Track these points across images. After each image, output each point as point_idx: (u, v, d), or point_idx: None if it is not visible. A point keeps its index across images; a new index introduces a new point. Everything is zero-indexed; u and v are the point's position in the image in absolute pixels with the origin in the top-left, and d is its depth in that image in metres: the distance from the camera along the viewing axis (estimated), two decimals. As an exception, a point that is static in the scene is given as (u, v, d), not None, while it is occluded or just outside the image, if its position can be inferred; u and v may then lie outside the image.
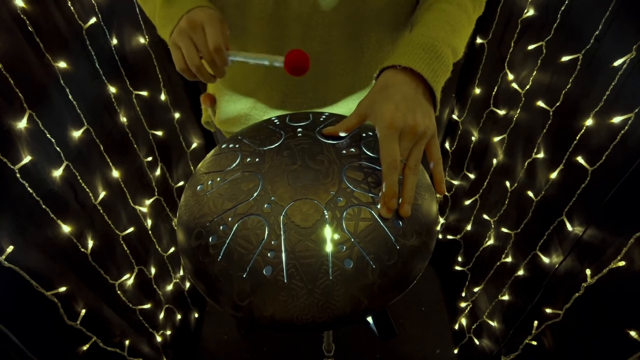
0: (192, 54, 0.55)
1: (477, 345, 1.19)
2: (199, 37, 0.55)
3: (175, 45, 0.56)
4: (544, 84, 0.86)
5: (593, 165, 0.70)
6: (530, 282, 0.91)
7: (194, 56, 0.55)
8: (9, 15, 0.63)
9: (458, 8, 0.59)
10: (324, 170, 0.51)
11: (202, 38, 0.55)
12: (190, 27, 0.55)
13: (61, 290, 0.69)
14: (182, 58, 0.56)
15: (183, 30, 0.55)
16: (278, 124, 0.61)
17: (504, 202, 1.02)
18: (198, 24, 0.55)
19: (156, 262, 1.11)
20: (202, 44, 0.55)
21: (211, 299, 0.48)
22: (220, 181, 0.53)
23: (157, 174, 1.13)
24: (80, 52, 0.80)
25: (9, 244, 0.59)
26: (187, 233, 0.51)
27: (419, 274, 0.49)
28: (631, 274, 0.61)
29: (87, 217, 0.80)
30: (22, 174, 0.62)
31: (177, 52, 0.56)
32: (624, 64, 0.63)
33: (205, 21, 0.55)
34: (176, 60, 0.57)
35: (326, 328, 0.46)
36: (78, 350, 0.75)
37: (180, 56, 0.56)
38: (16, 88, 0.62)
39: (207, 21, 0.55)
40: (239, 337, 1.39)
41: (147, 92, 1.04)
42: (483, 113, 1.13)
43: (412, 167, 0.49)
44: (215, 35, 0.54)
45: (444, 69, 0.53)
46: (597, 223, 0.70)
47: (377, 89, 0.52)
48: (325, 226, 0.46)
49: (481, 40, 1.09)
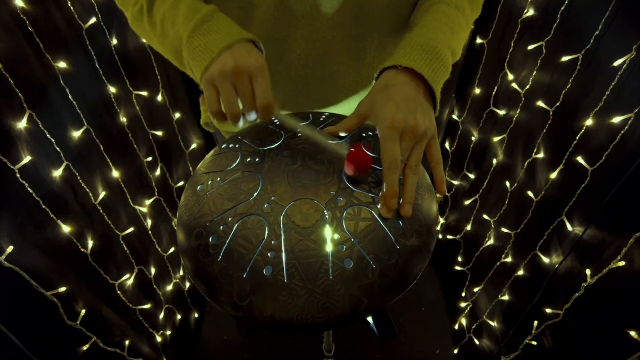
0: (232, 102, 0.51)
1: (477, 345, 1.19)
2: (244, 87, 0.50)
3: (212, 85, 0.51)
4: (544, 84, 0.86)
5: (593, 165, 0.70)
6: (530, 282, 0.91)
7: (235, 106, 0.51)
8: (9, 15, 0.63)
9: (456, 10, 0.59)
10: (324, 170, 0.51)
11: (248, 89, 0.50)
12: (236, 74, 0.49)
13: (61, 290, 0.69)
14: (217, 101, 0.51)
15: (227, 74, 0.49)
16: (278, 124, 0.61)
17: (503, 202, 1.02)
18: (245, 72, 0.49)
19: (156, 262, 1.11)
20: (248, 96, 0.50)
21: (211, 299, 0.48)
22: (220, 181, 0.53)
23: (157, 174, 1.13)
24: (80, 52, 0.80)
25: (9, 244, 0.59)
26: (187, 233, 0.51)
27: (419, 273, 0.49)
28: (631, 274, 0.61)
29: (87, 217, 0.80)
30: (22, 174, 0.62)
31: (213, 93, 0.51)
32: (623, 63, 0.63)
33: (254, 70, 0.50)
34: (210, 101, 0.51)
35: (326, 328, 0.46)
36: (78, 350, 0.75)
37: (215, 98, 0.51)
38: (16, 88, 0.62)
39: (257, 72, 0.50)
40: (239, 337, 1.39)
41: (147, 92, 1.04)
42: (483, 113, 1.13)
43: (412, 167, 0.49)
44: (265, 90, 0.50)
45: (444, 70, 0.53)
46: (597, 223, 0.70)
47: (378, 89, 0.52)
48: (325, 226, 0.46)
49: (481, 40, 1.09)
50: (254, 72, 0.50)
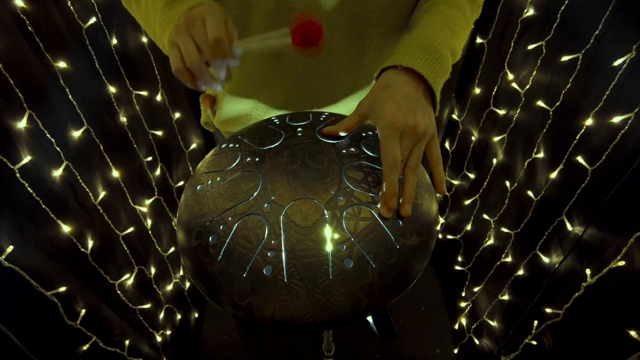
0: (190, 50, 0.49)
1: (477, 345, 1.19)
2: (198, 31, 0.49)
3: (174, 44, 0.50)
4: (544, 83, 0.86)
5: (593, 165, 0.70)
6: (530, 282, 0.91)
7: (192, 52, 0.49)
8: (9, 15, 0.63)
9: (457, 10, 0.59)
10: (324, 169, 0.51)
11: (202, 32, 0.49)
12: (189, 22, 0.49)
13: (61, 290, 0.69)
14: (180, 57, 0.50)
15: (181, 26, 0.50)
16: (278, 124, 0.61)
17: (504, 202, 1.02)
18: (197, 17, 0.49)
19: (156, 262, 1.11)
20: (202, 38, 0.49)
21: (211, 298, 0.48)
22: (220, 181, 0.53)
23: (157, 173, 1.13)
24: (80, 52, 0.80)
25: (9, 244, 0.59)
26: (187, 233, 0.51)
27: (419, 273, 0.49)
28: (631, 273, 0.61)
29: (87, 217, 0.80)
30: (22, 174, 0.62)
31: (175, 51, 0.50)
32: (623, 63, 0.63)
33: (205, 14, 0.49)
34: (173, 60, 0.51)
35: (326, 327, 0.46)
36: (78, 350, 0.75)
37: (178, 55, 0.50)
38: (16, 88, 0.62)
39: (208, 13, 0.49)
40: (239, 337, 1.39)
41: (146, 92, 1.04)
42: (483, 113, 1.13)
43: (412, 167, 0.49)
44: (216, 26, 0.48)
45: (444, 70, 0.53)
46: (597, 223, 0.70)
47: (378, 89, 0.52)
48: (325, 226, 0.46)
49: (481, 40, 1.09)
50: (205, 15, 0.49)
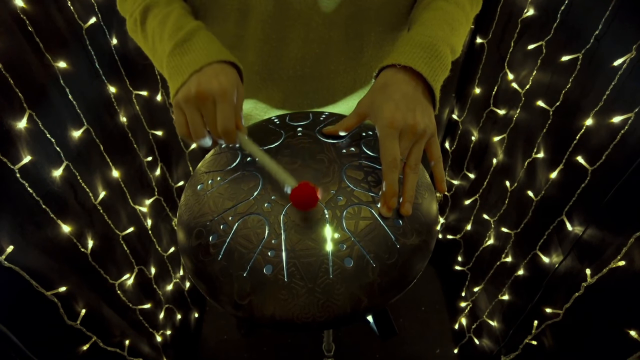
0: (197, 127, 0.50)
1: (477, 345, 1.19)
2: (208, 112, 0.49)
3: (179, 110, 0.51)
4: (544, 83, 0.86)
5: (593, 165, 0.70)
6: (530, 281, 0.91)
7: (200, 130, 0.50)
8: (9, 15, 0.63)
9: (456, 6, 0.59)
10: (324, 169, 0.51)
11: (211, 114, 0.49)
12: (200, 99, 0.49)
13: (61, 290, 0.69)
14: (185, 125, 0.51)
15: (190, 99, 0.49)
16: (278, 124, 0.61)
17: (504, 202, 1.02)
18: (209, 97, 0.48)
19: (156, 262, 1.11)
20: (211, 120, 0.49)
21: (212, 298, 0.48)
22: (220, 180, 0.53)
23: (157, 173, 1.13)
24: (80, 52, 0.80)
25: (9, 244, 0.59)
26: (187, 232, 0.51)
27: (419, 273, 0.49)
28: (631, 273, 0.61)
29: (87, 217, 0.80)
30: (22, 174, 0.62)
31: (181, 118, 0.51)
32: (623, 63, 0.63)
33: (217, 95, 0.48)
34: (178, 125, 0.51)
35: (327, 327, 0.46)
36: (78, 350, 0.75)
37: (184, 122, 0.51)
38: (16, 88, 0.62)
39: (220, 96, 0.48)
40: (239, 337, 1.39)
41: (146, 92, 1.04)
42: (483, 113, 1.13)
43: (412, 166, 0.49)
44: (226, 117, 0.49)
45: (443, 68, 0.53)
46: (597, 223, 0.70)
47: (377, 88, 0.52)
48: (325, 225, 0.46)
49: (481, 40, 1.09)
50: (217, 97, 0.49)
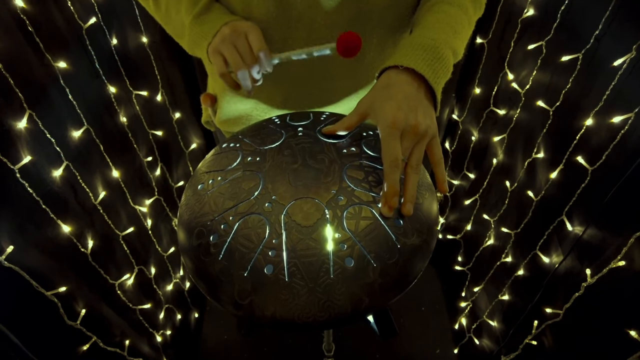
0: (236, 59, 0.58)
1: (477, 345, 1.19)
2: (242, 43, 0.58)
3: (217, 52, 0.59)
4: (544, 83, 0.86)
5: (593, 165, 0.70)
6: (530, 281, 0.91)
7: (239, 61, 0.59)
8: (9, 15, 0.63)
9: (459, 10, 0.59)
10: (324, 169, 0.51)
11: (245, 44, 0.58)
12: (235, 34, 0.58)
13: (61, 290, 0.69)
14: (224, 63, 0.60)
15: (226, 37, 0.58)
16: (279, 124, 0.61)
17: (504, 202, 1.02)
18: (241, 32, 0.58)
19: (156, 262, 1.11)
20: (246, 50, 0.58)
21: (212, 298, 0.48)
22: (221, 180, 0.53)
23: (157, 173, 1.13)
24: (80, 52, 0.80)
25: (9, 244, 0.59)
26: (188, 232, 0.51)
27: (420, 273, 0.49)
28: (631, 274, 0.61)
29: (87, 217, 0.80)
30: (22, 174, 0.62)
31: (219, 58, 0.59)
32: (623, 63, 0.63)
33: (247, 29, 0.59)
34: (218, 66, 0.60)
35: (327, 327, 0.46)
36: (78, 350, 0.75)
37: (222, 62, 0.59)
38: (16, 88, 0.62)
39: (250, 29, 0.59)
40: (239, 337, 1.39)
41: (147, 92, 1.04)
42: (483, 113, 1.13)
43: (413, 166, 0.49)
44: (259, 41, 0.58)
45: (445, 70, 0.53)
46: (597, 223, 0.70)
47: (379, 88, 0.52)
48: (326, 225, 0.46)
49: (481, 40, 1.09)
50: (247, 30, 0.59)
